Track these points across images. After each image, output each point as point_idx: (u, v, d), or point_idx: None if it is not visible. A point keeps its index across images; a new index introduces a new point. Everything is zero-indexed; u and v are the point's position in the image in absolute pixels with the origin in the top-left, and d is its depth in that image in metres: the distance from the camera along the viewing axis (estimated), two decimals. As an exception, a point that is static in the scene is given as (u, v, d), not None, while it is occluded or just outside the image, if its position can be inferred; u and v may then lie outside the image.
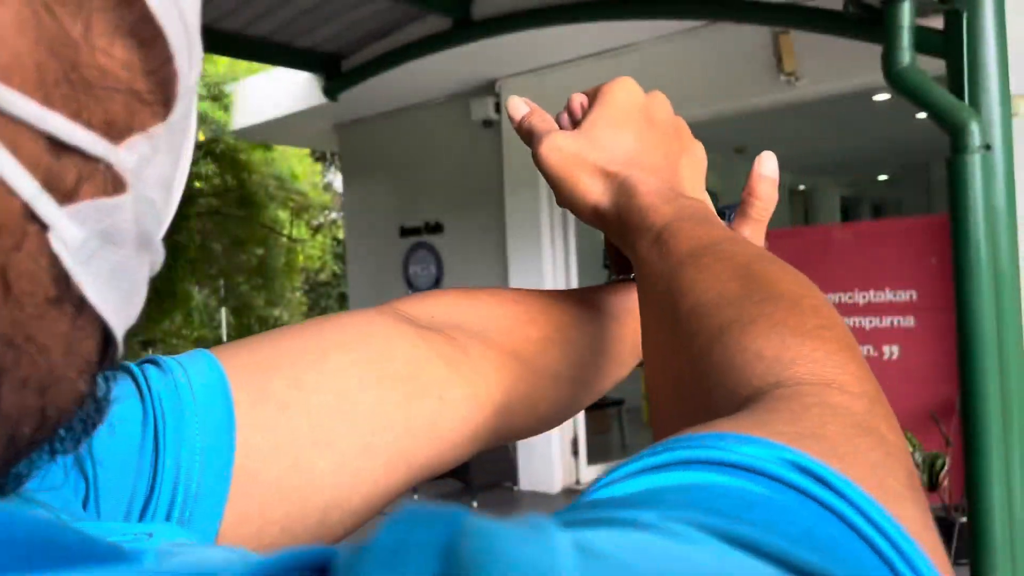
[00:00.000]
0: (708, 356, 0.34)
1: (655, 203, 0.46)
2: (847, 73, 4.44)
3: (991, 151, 3.21)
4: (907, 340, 4.46)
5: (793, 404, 0.28)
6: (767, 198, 0.55)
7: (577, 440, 5.97)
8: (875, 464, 0.26)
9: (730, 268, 0.38)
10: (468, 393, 0.44)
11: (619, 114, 0.51)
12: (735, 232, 0.44)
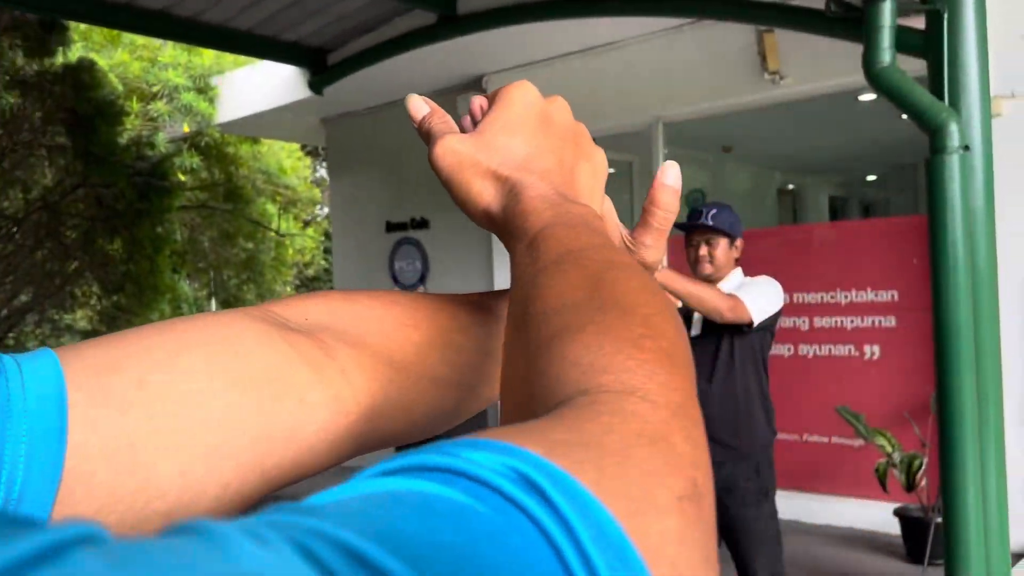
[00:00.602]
0: (535, 362, 0.34)
1: (538, 208, 0.46)
2: (832, 73, 4.44)
3: (970, 152, 3.21)
4: (888, 340, 4.47)
5: (584, 412, 0.28)
6: (668, 207, 0.54)
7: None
8: (649, 474, 0.25)
9: (583, 275, 0.38)
10: (331, 396, 0.43)
11: (515, 118, 0.50)
12: (608, 239, 0.44)
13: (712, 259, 2.76)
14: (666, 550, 0.23)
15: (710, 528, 0.27)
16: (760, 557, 2.61)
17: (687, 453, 0.28)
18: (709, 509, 0.27)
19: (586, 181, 0.54)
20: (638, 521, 0.23)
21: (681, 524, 0.24)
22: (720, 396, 2.66)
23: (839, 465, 4.56)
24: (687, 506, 0.25)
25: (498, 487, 0.21)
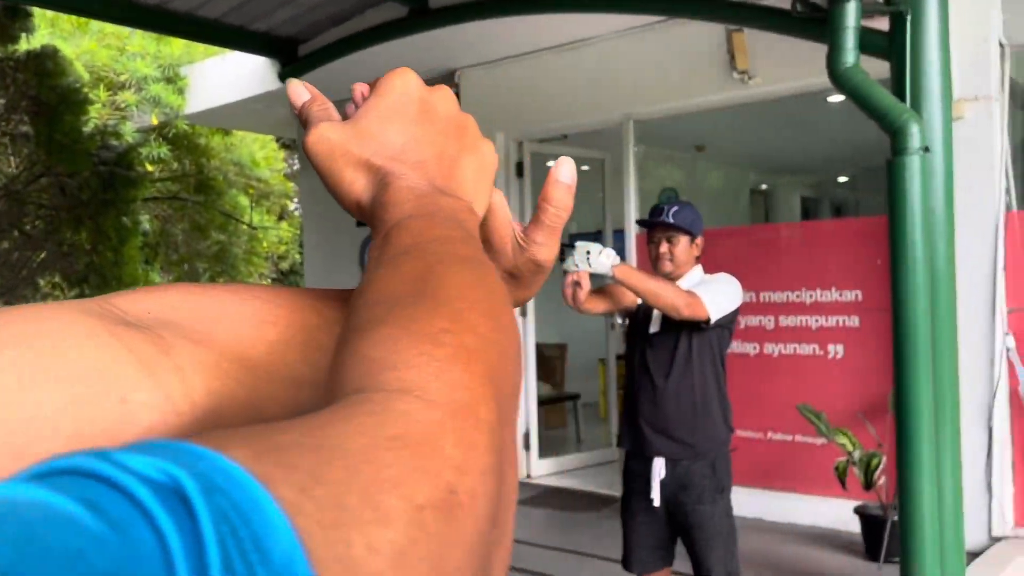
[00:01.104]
0: (338, 355, 0.33)
1: (402, 199, 0.44)
2: (800, 73, 4.46)
3: (930, 153, 3.24)
4: (851, 339, 4.50)
5: (341, 411, 0.27)
6: (560, 204, 0.53)
7: (529, 434, 5.97)
8: (383, 480, 0.24)
9: (416, 267, 0.36)
10: (161, 396, 0.41)
11: (393, 106, 0.48)
12: (467, 233, 0.42)
13: (672, 257, 2.76)
14: (371, 564, 0.21)
15: (463, 538, 0.25)
16: (715, 554, 2.62)
17: (454, 457, 0.26)
18: (470, 518, 0.26)
19: (469, 174, 0.52)
20: (340, 533, 0.21)
21: (409, 536, 0.23)
22: (677, 393, 2.66)
23: (802, 463, 4.59)
24: (429, 516, 0.24)
25: (132, 493, 0.20)
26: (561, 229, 0.56)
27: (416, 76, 0.52)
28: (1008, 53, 4.00)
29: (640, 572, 2.77)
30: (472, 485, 0.27)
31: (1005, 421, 3.93)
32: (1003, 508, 3.89)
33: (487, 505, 0.27)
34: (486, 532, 0.28)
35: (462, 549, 0.25)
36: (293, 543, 0.20)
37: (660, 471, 2.67)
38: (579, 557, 4.21)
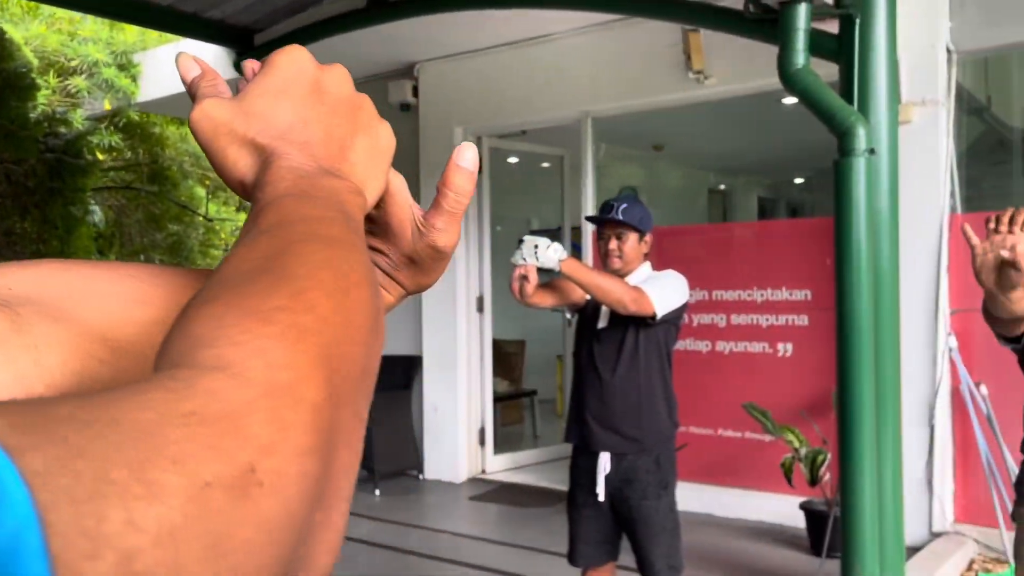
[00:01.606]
0: (168, 331, 0.32)
1: (281, 178, 0.43)
2: (754, 74, 4.51)
3: (876, 155, 3.29)
4: (800, 338, 4.57)
5: (136, 387, 0.26)
6: (460, 190, 0.52)
7: (484, 430, 5.96)
8: (164, 456, 0.23)
9: (272, 245, 0.36)
10: (10, 375, 0.39)
11: (281, 84, 0.47)
12: (341, 214, 0.41)
13: (621, 253, 2.77)
14: (127, 539, 0.21)
15: (262, 519, 0.24)
16: (658, 549, 2.63)
17: (260, 437, 0.26)
18: (274, 498, 0.25)
19: (361, 156, 0.51)
20: (93, 506, 0.21)
21: (186, 513, 0.22)
22: (623, 388, 2.67)
23: (751, 460, 4.65)
24: (216, 494, 0.23)
25: None
26: (461, 215, 0.55)
27: (308, 54, 0.50)
28: (955, 59, 4.09)
29: (585, 566, 2.78)
30: (280, 465, 0.26)
31: (946, 419, 4.02)
32: (943, 504, 3.97)
33: (302, 486, 0.27)
34: (301, 513, 0.27)
35: (259, 529, 0.24)
36: (28, 514, 0.20)
37: (605, 466, 2.68)
38: (530, 552, 4.22)
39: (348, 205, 0.44)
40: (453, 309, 5.86)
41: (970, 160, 4.86)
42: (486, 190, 6.00)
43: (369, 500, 5.35)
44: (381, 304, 0.39)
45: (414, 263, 0.55)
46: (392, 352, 6.23)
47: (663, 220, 8.67)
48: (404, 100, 6.02)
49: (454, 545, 4.44)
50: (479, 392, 5.98)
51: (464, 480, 5.83)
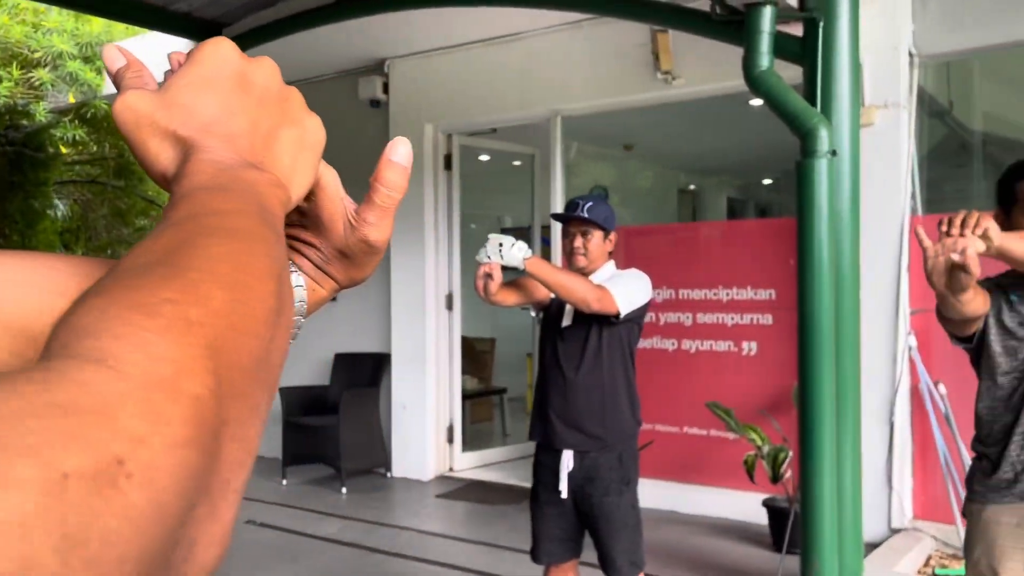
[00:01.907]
0: (56, 323, 0.32)
1: (200, 171, 0.43)
2: (722, 75, 4.55)
3: (838, 157, 3.34)
4: (764, 337, 4.62)
5: (14, 377, 0.26)
6: (392, 185, 0.52)
7: (452, 428, 5.96)
8: (21, 446, 0.23)
9: (177, 238, 0.36)
10: None
11: (205, 75, 0.47)
12: (258, 207, 0.41)
13: (586, 251, 2.78)
14: None
15: (130, 511, 0.24)
16: (620, 545, 2.65)
17: (131, 429, 0.26)
18: (145, 491, 0.25)
19: (288, 148, 0.50)
20: None
21: (40, 504, 0.22)
22: (587, 386, 2.69)
23: (716, 457, 4.70)
24: (76, 485, 0.23)
25: None
26: (394, 210, 0.55)
27: (233, 46, 0.50)
28: (917, 63, 4.15)
29: (547, 563, 2.79)
30: (152, 458, 0.26)
31: (906, 417, 4.09)
32: (902, 501, 4.04)
33: (178, 479, 0.27)
34: (176, 506, 0.27)
35: (125, 521, 0.24)
36: None
37: (568, 463, 2.69)
38: (496, 550, 4.23)
39: (267, 198, 0.44)
40: (422, 307, 5.85)
41: (932, 163, 4.94)
42: (456, 188, 5.99)
43: (336, 498, 5.32)
44: (289, 297, 0.40)
45: (346, 257, 0.55)
46: (360, 350, 6.21)
47: (634, 220, 8.74)
48: (374, 96, 5.99)
49: (420, 543, 4.43)
50: (448, 390, 5.98)
51: (432, 478, 5.82)
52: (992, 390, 2.01)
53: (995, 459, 1.97)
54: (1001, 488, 1.93)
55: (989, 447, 2.00)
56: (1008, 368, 1.97)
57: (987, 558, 1.93)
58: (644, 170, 9.12)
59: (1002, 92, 5.09)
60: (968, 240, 1.71)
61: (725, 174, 9.89)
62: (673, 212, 9.28)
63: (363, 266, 0.56)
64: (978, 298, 1.91)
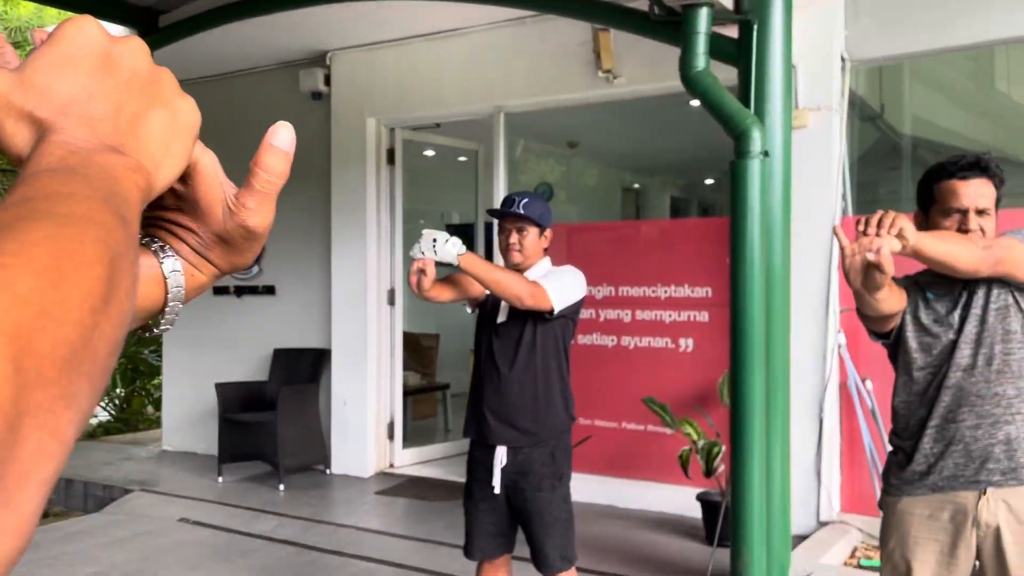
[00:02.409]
0: None
1: (49, 152, 0.42)
2: (662, 75, 4.59)
3: (770, 157, 3.41)
4: (701, 334, 4.69)
5: None
6: (272, 170, 0.52)
7: (393, 424, 5.93)
8: None
9: (1, 221, 0.35)
10: None
11: (65, 55, 0.45)
12: (104, 192, 0.40)
13: (522, 247, 2.78)
14: None
15: None
16: (551, 540, 2.67)
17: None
18: None
19: (156, 131, 0.49)
20: None
21: None
22: (520, 382, 2.69)
23: (653, 452, 4.75)
24: None
25: None
26: (275, 196, 0.54)
27: (99, 25, 0.48)
28: (849, 67, 4.26)
29: (480, 559, 2.79)
30: None
31: (835, 413, 4.20)
32: (830, 495, 4.15)
33: None
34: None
35: None
36: None
37: (502, 459, 2.70)
38: (433, 546, 4.22)
39: (121, 183, 0.43)
40: (363, 302, 5.80)
41: (865, 165, 5.08)
42: (399, 182, 5.95)
43: (273, 495, 5.25)
44: (124, 284, 0.39)
45: (226, 243, 0.54)
46: (300, 345, 6.13)
47: (580, 218, 8.80)
48: (315, 89, 5.91)
49: (357, 540, 4.40)
50: (389, 385, 5.94)
51: (372, 474, 5.78)
52: (908, 385, 2.07)
53: (910, 452, 2.03)
54: (915, 480, 1.99)
55: (904, 441, 2.07)
56: (923, 364, 2.03)
57: (901, 548, 1.99)
58: (589, 168, 9.19)
59: (931, 97, 5.25)
60: (883, 240, 1.75)
61: (668, 173, 10.02)
62: (617, 211, 9.37)
63: (243, 252, 0.55)
64: (893, 296, 1.96)
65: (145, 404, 9.74)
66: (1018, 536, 1.86)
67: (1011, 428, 1.91)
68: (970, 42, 4.05)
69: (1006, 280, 1.93)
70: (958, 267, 1.84)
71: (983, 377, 1.94)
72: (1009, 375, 1.92)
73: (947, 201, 2.02)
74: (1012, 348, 1.93)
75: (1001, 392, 1.92)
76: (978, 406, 1.93)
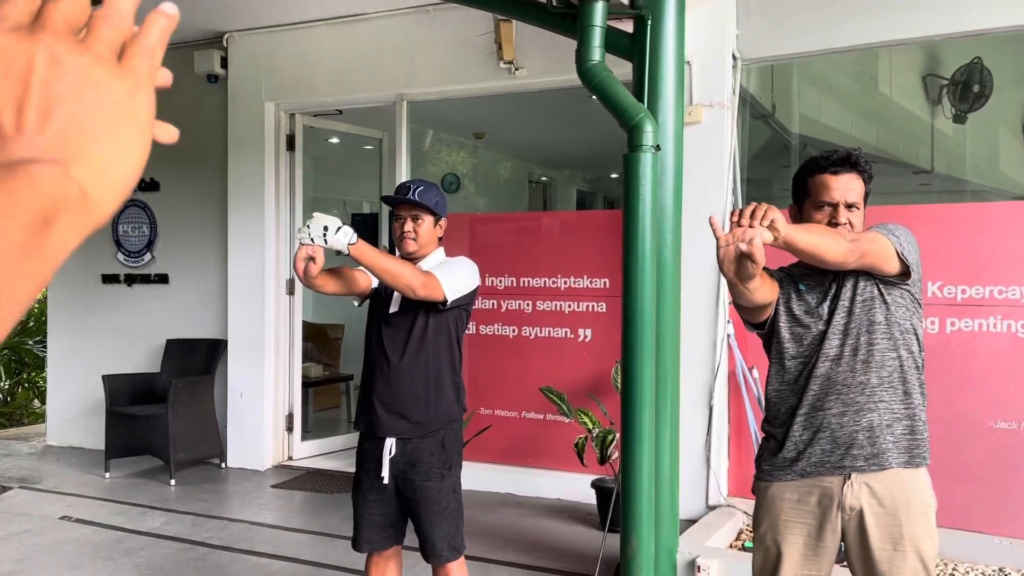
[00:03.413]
0: None
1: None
2: (565, 68, 4.61)
3: (662, 151, 3.48)
4: (599, 324, 4.77)
5: None
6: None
7: (292, 416, 5.81)
8: None
9: None
10: None
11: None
12: None
13: (417, 236, 2.75)
14: None
15: None
16: (439, 530, 2.66)
17: None
18: None
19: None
20: None
21: None
22: (410, 372, 2.67)
23: (552, 440, 4.81)
24: None
25: None
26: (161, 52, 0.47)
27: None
28: (740, 65, 4.39)
29: (369, 551, 2.77)
30: None
31: (724, 401, 4.34)
32: (719, 479, 4.29)
33: None
34: None
35: None
36: None
37: (391, 449, 2.67)
38: (327, 539, 4.16)
39: None
40: (261, 291, 5.65)
41: (759, 162, 5.25)
42: (299, 168, 5.82)
43: (163, 491, 5.08)
44: None
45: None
46: (194, 335, 5.94)
47: (487, 209, 8.80)
48: (211, 71, 5.72)
49: (250, 534, 4.30)
50: (288, 377, 5.82)
51: (269, 468, 5.65)
52: (780, 374, 2.15)
53: (781, 439, 2.11)
54: (785, 467, 2.07)
55: (776, 428, 2.14)
56: (795, 353, 2.11)
57: (772, 532, 2.07)
58: (499, 161, 9.21)
59: (819, 97, 5.47)
60: (755, 230, 1.80)
61: (576, 167, 10.13)
62: (525, 203, 9.42)
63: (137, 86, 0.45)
64: (765, 286, 2.03)
65: (31, 397, 9.27)
66: (880, 518, 1.95)
67: (874, 416, 1.99)
68: (854, 44, 4.23)
69: (871, 273, 2.02)
70: (827, 259, 1.91)
71: (849, 367, 2.02)
72: (873, 365, 2.01)
73: (818, 195, 2.09)
74: (876, 339, 2.01)
75: (865, 381, 2.00)
76: (844, 394, 2.01)
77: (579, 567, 3.77)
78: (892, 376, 2.00)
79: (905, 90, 5.40)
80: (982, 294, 3.78)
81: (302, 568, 3.82)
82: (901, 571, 1.91)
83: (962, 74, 4.86)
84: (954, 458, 3.77)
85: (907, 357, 2.01)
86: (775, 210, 1.84)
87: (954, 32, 4.04)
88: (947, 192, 5.59)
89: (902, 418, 1.99)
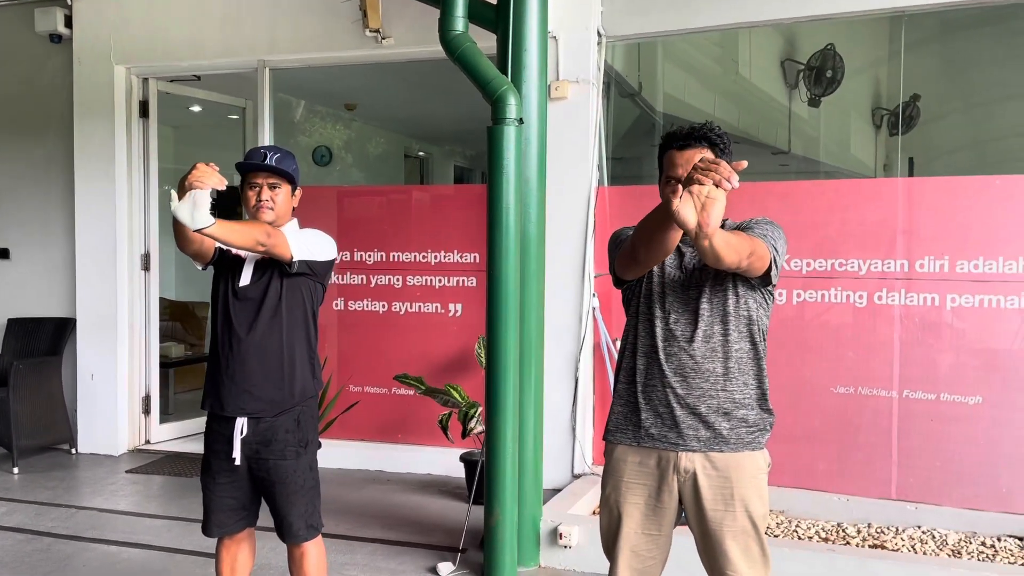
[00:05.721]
0: None
1: None
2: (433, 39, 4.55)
3: (524, 125, 3.48)
4: (469, 299, 4.76)
5: None
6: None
7: (149, 398, 5.53)
8: None
9: None
10: None
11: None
12: None
13: (274, 204, 2.63)
14: None
15: None
16: (296, 509, 2.59)
17: None
18: None
19: None
20: None
21: None
22: (262, 347, 2.56)
23: (422, 416, 4.78)
24: None
25: None
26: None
27: None
28: (604, 42, 4.44)
29: (220, 535, 2.66)
30: None
31: (589, 372, 4.42)
32: (584, 449, 4.38)
33: None
34: None
35: None
36: None
37: (242, 429, 2.57)
38: (184, 523, 4.00)
39: None
40: (113, 267, 5.33)
41: (629, 141, 5.34)
42: (152, 137, 5.50)
43: (5, 480, 4.74)
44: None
45: None
46: (39, 314, 5.55)
47: (361, 183, 8.61)
48: (54, 31, 5.31)
49: (100, 522, 4.07)
50: (143, 357, 5.53)
51: (124, 452, 5.37)
52: (634, 339, 2.17)
53: (625, 404, 2.14)
54: (628, 431, 2.11)
55: (622, 393, 2.18)
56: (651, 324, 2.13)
57: (615, 493, 2.11)
58: (373, 134, 9.02)
59: (682, 77, 5.62)
60: (715, 195, 1.62)
61: (454, 142, 10.05)
62: (402, 177, 9.29)
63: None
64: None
65: None
66: (712, 479, 2.01)
67: (714, 402, 2.02)
68: (713, 24, 4.35)
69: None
70: (726, 262, 1.81)
71: (700, 352, 2.02)
72: (721, 354, 2.03)
73: (668, 170, 2.11)
74: (728, 329, 2.03)
75: (711, 368, 2.02)
76: (691, 377, 2.02)
77: (445, 540, 3.77)
78: (738, 363, 2.03)
79: (764, 73, 5.62)
80: (825, 267, 4.01)
81: (155, 554, 3.65)
82: (732, 529, 1.99)
83: (816, 59, 5.10)
84: (797, 422, 4.00)
85: (750, 348, 2.05)
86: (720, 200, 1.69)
87: (805, 16, 4.22)
88: (803, 172, 5.85)
89: (740, 406, 2.03)
